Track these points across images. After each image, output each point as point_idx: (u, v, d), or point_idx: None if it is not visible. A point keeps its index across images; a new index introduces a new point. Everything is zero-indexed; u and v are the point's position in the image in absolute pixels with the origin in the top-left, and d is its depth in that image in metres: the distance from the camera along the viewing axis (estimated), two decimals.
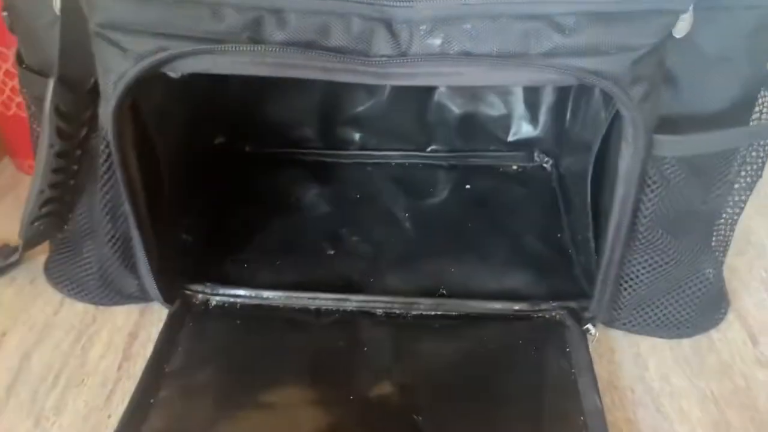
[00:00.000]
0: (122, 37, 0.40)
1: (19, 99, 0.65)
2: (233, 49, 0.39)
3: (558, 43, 0.38)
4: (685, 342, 0.53)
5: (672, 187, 0.45)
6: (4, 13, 0.49)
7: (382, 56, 0.40)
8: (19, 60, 0.51)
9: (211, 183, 0.67)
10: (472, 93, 0.70)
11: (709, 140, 0.44)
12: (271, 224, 0.63)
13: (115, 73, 0.41)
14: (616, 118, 0.47)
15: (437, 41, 0.39)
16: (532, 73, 0.39)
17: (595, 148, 0.51)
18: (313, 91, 0.70)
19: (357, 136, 0.73)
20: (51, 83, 0.46)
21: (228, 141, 0.72)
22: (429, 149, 0.73)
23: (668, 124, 0.44)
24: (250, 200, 0.67)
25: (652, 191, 0.45)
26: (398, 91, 0.70)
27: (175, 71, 0.41)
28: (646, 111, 0.41)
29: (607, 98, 0.50)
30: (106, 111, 0.43)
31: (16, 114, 0.66)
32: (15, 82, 0.63)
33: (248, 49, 0.39)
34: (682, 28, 0.41)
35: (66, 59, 0.46)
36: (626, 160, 0.43)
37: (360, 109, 0.71)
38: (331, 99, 0.71)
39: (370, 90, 0.70)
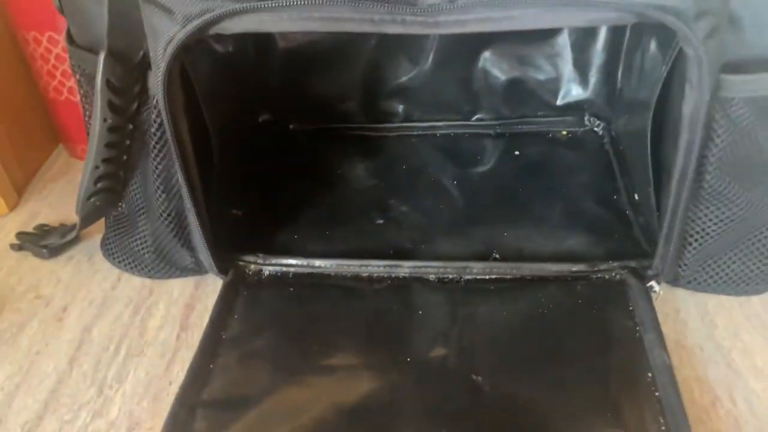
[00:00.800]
0: (170, 0, 0.40)
1: (70, 84, 0.66)
2: (280, 4, 0.39)
3: None
4: (755, 299, 0.50)
5: (740, 131, 0.43)
6: None
7: (431, 4, 0.39)
8: (70, 39, 0.52)
9: (257, 159, 0.68)
10: (519, 57, 0.68)
11: None
12: (318, 197, 0.63)
13: (164, 37, 0.41)
14: (677, 63, 0.45)
15: None
16: (589, 12, 0.38)
17: (654, 101, 0.49)
18: (355, 64, 0.70)
19: (400, 108, 0.72)
20: (101, 57, 0.46)
21: (273, 118, 0.72)
22: (475, 118, 0.72)
23: (732, 67, 0.42)
24: (296, 175, 0.67)
25: (719, 136, 0.43)
26: (441, 59, 0.69)
27: (224, 31, 0.40)
28: (711, 49, 0.39)
29: (666, 48, 0.48)
30: (156, 77, 0.43)
31: (67, 99, 0.68)
32: (65, 67, 0.65)
33: (295, 3, 0.39)
34: None
35: (114, 33, 0.46)
36: (691, 104, 0.41)
37: (403, 79, 0.70)
38: (374, 71, 0.70)
39: (413, 59, 0.69)
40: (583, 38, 0.66)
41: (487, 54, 0.69)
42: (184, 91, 0.46)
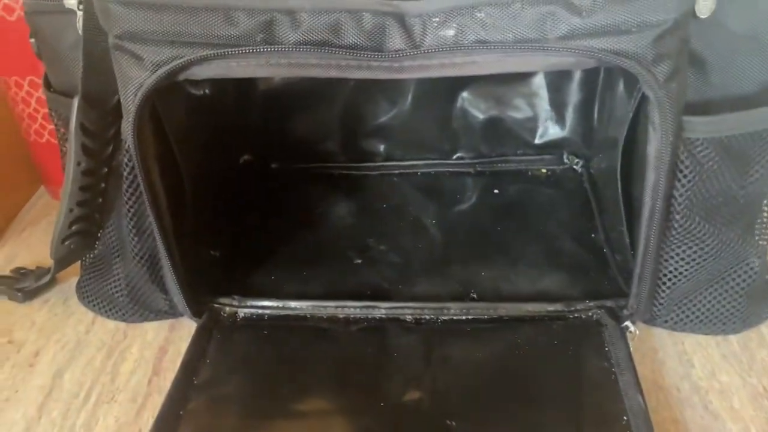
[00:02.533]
0: (139, 47, 0.40)
1: (51, 126, 0.67)
2: (247, 51, 0.40)
3: (576, 25, 0.37)
4: (732, 338, 0.50)
5: (706, 171, 0.43)
6: (32, 39, 0.51)
7: (396, 51, 0.39)
8: (47, 84, 0.52)
9: (237, 199, 0.68)
10: (496, 97, 0.69)
11: (742, 119, 0.42)
12: (297, 237, 0.63)
13: (133, 83, 0.42)
14: (642, 105, 0.45)
15: (451, 32, 0.39)
16: (549, 58, 0.38)
17: (621, 139, 0.49)
18: (335, 104, 0.70)
19: (381, 147, 0.73)
20: (76, 101, 0.47)
21: (254, 158, 0.73)
22: (455, 157, 0.73)
23: (698, 109, 0.42)
24: (276, 215, 0.67)
25: (685, 176, 0.43)
26: (420, 99, 0.70)
27: (193, 77, 0.41)
28: (672, 91, 0.39)
29: (630, 88, 0.49)
30: (127, 122, 0.44)
31: (48, 141, 0.68)
32: (46, 110, 0.65)
33: (262, 50, 0.40)
34: (706, 7, 0.39)
35: (89, 78, 0.47)
36: (654, 145, 0.41)
37: (383, 119, 0.71)
38: (353, 111, 0.71)
39: (392, 99, 0.70)
40: (559, 78, 0.67)
41: (465, 94, 0.69)
42: (156, 136, 0.46)
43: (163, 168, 0.47)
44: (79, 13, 0.44)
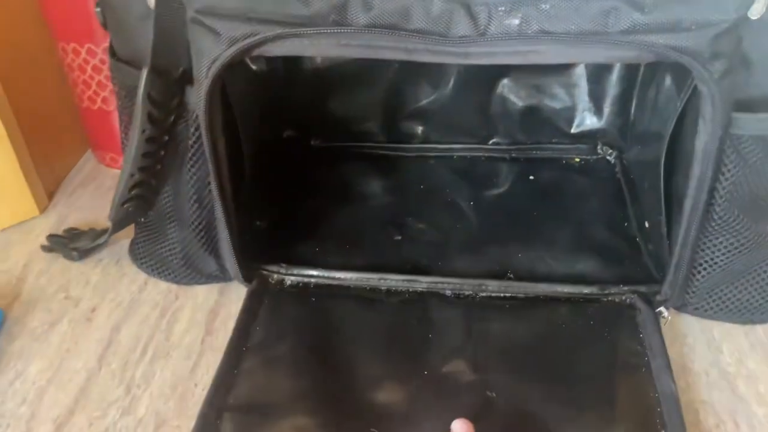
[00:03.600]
0: (217, 22, 0.42)
1: (104, 94, 0.69)
2: (320, 31, 0.42)
3: (637, 21, 0.39)
4: (759, 328, 0.52)
5: (749, 167, 0.45)
6: (97, 9, 0.53)
7: (462, 37, 0.41)
8: (112, 52, 0.54)
9: (279, 173, 0.70)
10: (536, 86, 0.71)
11: None
12: (338, 212, 0.65)
13: (209, 56, 0.44)
14: (692, 99, 0.47)
15: (515, 21, 0.41)
16: (610, 50, 0.40)
17: (668, 134, 0.51)
18: (378, 86, 0.72)
19: (420, 129, 0.75)
20: (144, 72, 0.49)
21: (296, 134, 0.75)
22: (491, 142, 0.74)
23: (743, 106, 0.44)
24: (316, 190, 0.69)
25: (729, 171, 0.45)
26: (461, 84, 0.71)
27: (265, 53, 0.43)
28: (724, 88, 0.41)
29: (680, 84, 0.50)
30: (198, 94, 0.46)
31: (100, 108, 0.70)
32: (101, 77, 0.68)
33: (334, 31, 0.42)
34: (757, 9, 0.41)
35: (158, 51, 0.48)
36: (703, 139, 0.43)
37: (423, 102, 0.73)
38: (395, 93, 0.73)
39: (434, 83, 0.72)
40: (599, 70, 0.69)
41: (505, 81, 0.71)
42: (223, 107, 0.48)
43: (227, 138, 0.49)
44: None
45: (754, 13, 0.41)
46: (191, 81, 0.48)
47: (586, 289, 0.54)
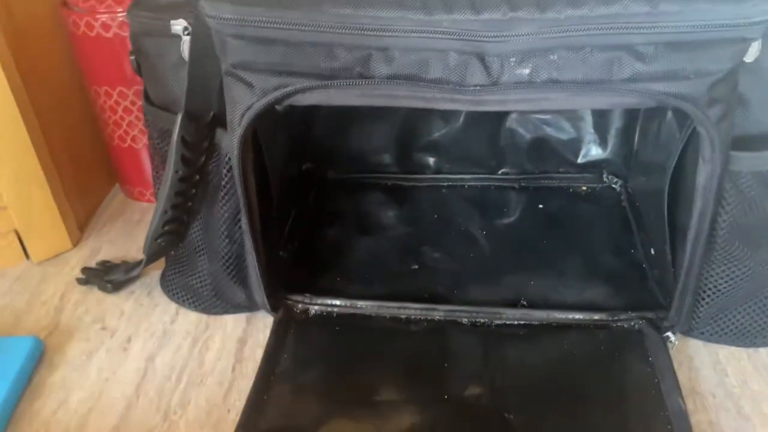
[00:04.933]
0: (251, 75, 0.46)
1: (134, 133, 0.73)
2: (346, 84, 0.45)
3: (639, 70, 0.42)
4: (763, 351, 0.55)
5: (748, 200, 0.48)
6: (132, 57, 0.57)
7: (476, 85, 0.45)
8: (147, 98, 0.58)
9: (299, 205, 0.73)
10: (543, 119, 0.74)
11: None
12: (356, 242, 0.68)
13: (242, 105, 0.47)
14: (692, 137, 0.50)
15: (526, 71, 0.44)
16: (614, 98, 0.44)
17: (671, 166, 0.54)
18: (392, 121, 0.76)
19: (432, 161, 0.78)
20: (179, 117, 0.53)
21: (313, 167, 0.78)
22: (500, 172, 0.78)
23: (740, 142, 0.47)
24: (336, 221, 0.72)
25: (729, 204, 0.48)
26: (472, 118, 0.75)
27: (295, 103, 0.47)
28: (722, 130, 0.44)
29: (681, 120, 0.54)
30: (232, 139, 0.49)
31: (130, 146, 0.74)
32: (131, 118, 0.71)
33: (358, 83, 0.45)
34: (752, 53, 0.44)
35: (192, 96, 0.52)
36: (703, 176, 0.46)
37: (435, 135, 0.76)
38: (409, 127, 0.76)
39: (446, 118, 0.75)
40: None
41: (514, 115, 0.75)
42: (253, 150, 0.52)
43: (257, 178, 0.53)
44: (185, 38, 0.50)
45: (749, 56, 0.44)
46: (222, 124, 0.52)
47: (596, 316, 0.57)
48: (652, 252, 0.63)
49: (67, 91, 0.73)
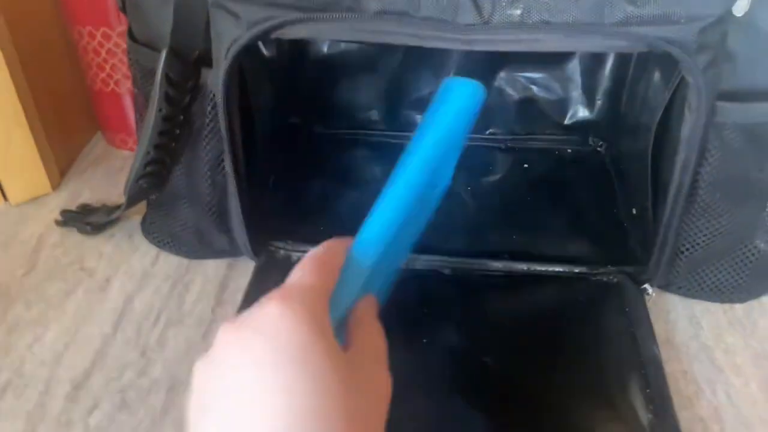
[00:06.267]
0: (238, 6, 0.45)
1: (117, 77, 0.71)
2: (334, 17, 0.44)
3: (630, 13, 0.42)
4: (738, 306, 0.56)
5: (731, 153, 0.48)
6: None
7: (467, 25, 0.44)
8: (131, 36, 0.57)
9: (284, 158, 0.73)
10: (532, 79, 0.74)
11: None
12: (340, 195, 0.68)
13: (229, 38, 0.46)
14: (677, 93, 0.50)
15: (517, 11, 0.44)
16: (605, 40, 0.43)
17: (655, 123, 0.55)
18: (381, 76, 0.75)
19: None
20: (163, 54, 0.52)
21: (300, 121, 0.78)
22: (487, 132, 0.78)
23: (727, 96, 0.48)
24: (321, 174, 0.72)
25: (712, 156, 0.48)
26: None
27: (282, 36, 0.46)
28: (709, 78, 0.44)
29: (666, 78, 0.54)
30: (217, 74, 0.48)
31: (113, 91, 0.73)
32: (115, 61, 0.70)
33: (348, 16, 0.44)
34: (741, 6, 0.44)
35: (177, 34, 0.51)
36: (689, 126, 0.47)
37: (424, 92, 0.76)
38: (397, 83, 0.76)
39: (435, 73, 0.75)
40: (593, 65, 0.72)
41: (502, 74, 0.74)
42: (239, 88, 0.51)
43: (242, 118, 0.52)
44: None
45: (739, 10, 0.44)
46: (207, 63, 0.51)
47: (576, 269, 0.57)
48: (634, 211, 0.64)
49: (49, 32, 0.71)
